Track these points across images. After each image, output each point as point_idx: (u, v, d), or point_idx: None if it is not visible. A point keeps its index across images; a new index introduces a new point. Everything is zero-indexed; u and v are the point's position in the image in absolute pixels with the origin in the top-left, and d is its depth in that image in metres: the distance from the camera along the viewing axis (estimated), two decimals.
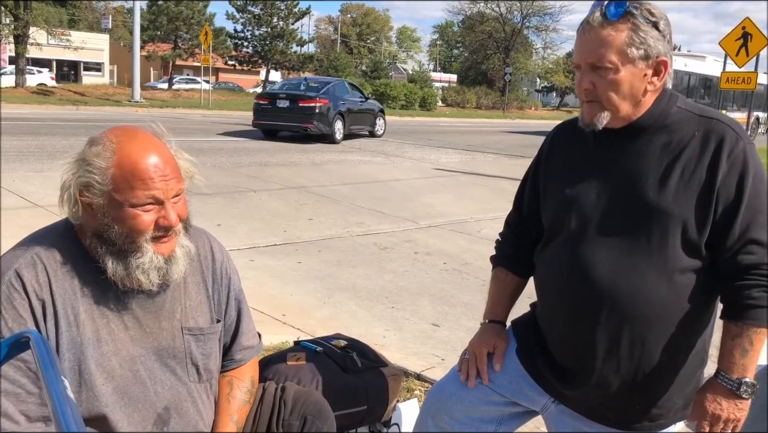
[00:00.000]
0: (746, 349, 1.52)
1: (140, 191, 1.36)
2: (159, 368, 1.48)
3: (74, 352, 1.38)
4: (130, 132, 1.41)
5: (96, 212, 1.37)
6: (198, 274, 1.57)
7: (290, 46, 43.36)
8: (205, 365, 1.57)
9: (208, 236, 1.65)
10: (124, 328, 1.44)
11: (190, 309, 1.54)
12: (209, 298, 1.59)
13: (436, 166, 12.74)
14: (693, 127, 1.54)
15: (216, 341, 1.60)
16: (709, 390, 1.57)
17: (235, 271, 1.69)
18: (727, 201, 1.49)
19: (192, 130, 16.22)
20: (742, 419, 1.56)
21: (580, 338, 1.60)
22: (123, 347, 1.44)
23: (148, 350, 1.47)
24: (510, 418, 1.81)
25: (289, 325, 3.99)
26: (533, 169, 1.83)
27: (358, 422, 2.16)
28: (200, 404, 1.56)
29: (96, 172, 1.35)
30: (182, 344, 1.52)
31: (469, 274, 5.40)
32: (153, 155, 1.38)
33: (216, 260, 1.62)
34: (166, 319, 1.50)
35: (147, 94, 30.09)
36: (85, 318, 1.40)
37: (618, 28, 1.49)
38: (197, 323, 1.55)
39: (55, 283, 1.37)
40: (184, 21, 37.99)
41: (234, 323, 1.68)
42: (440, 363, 3.47)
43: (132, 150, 1.36)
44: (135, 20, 26.13)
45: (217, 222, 6.53)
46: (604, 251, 1.56)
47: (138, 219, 1.37)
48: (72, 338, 1.38)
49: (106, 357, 1.41)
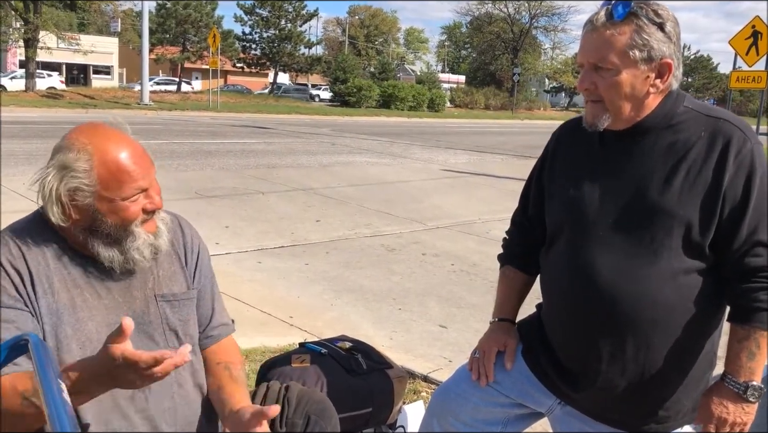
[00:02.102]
0: (753, 352, 1.50)
1: (128, 185, 1.43)
2: (136, 334, 1.50)
3: (51, 318, 1.44)
4: (97, 129, 1.47)
5: (86, 211, 1.43)
6: (170, 246, 1.63)
7: (298, 48, 43.51)
8: (184, 331, 1.61)
9: (175, 215, 1.72)
10: (98, 297, 1.50)
11: (163, 278, 1.60)
12: (183, 268, 1.65)
13: (444, 167, 12.73)
14: (700, 127, 1.52)
15: (192, 308, 1.65)
16: (716, 393, 1.55)
17: (205, 248, 1.74)
18: (734, 202, 1.47)
19: (200, 133, 16.29)
20: (749, 423, 1.54)
21: (584, 341, 1.59)
22: (98, 313, 1.49)
23: (124, 317, 1.49)
24: (516, 419, 1.80)
25: (296, 327, 3.99)
26: (539, 167, 1.82)
27: (363, 424, 2.15)
28: (181, 368, 1.55)
29: (81, 175, 1.41)
30: (156, 310, 1.57)
31: (477, 275, 5.39)
32: (128, 147, 1.46)
33: (186, 234, 1.69)
34: (137, 288, 1.55)
35: (156, 97, 30.26)
36: (59, 287, 1.46)
37: (621, 30, 1.47)
38: (171, 290, 1.60)
39: (28, 255, 1.44)
40: (192, 24, 38.18)
41: (210, 298, 1.72)
42: (448, 365, 3.46)
43: (109, 148, 1.43)
44: (144, 23, 26.28)
45: (225, 224, 6.54)
46: (608, 252, 1.55)
47: (129, 210, 1.45)
48: (48, 304, 1.44)
49: (82, 322, 1.46)
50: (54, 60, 38.99)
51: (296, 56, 43.10)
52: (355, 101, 38.44)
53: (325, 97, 46.18)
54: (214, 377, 1.67)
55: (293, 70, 44.69)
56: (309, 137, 17.44)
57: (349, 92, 38.90)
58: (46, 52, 29.50)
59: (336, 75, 41.31)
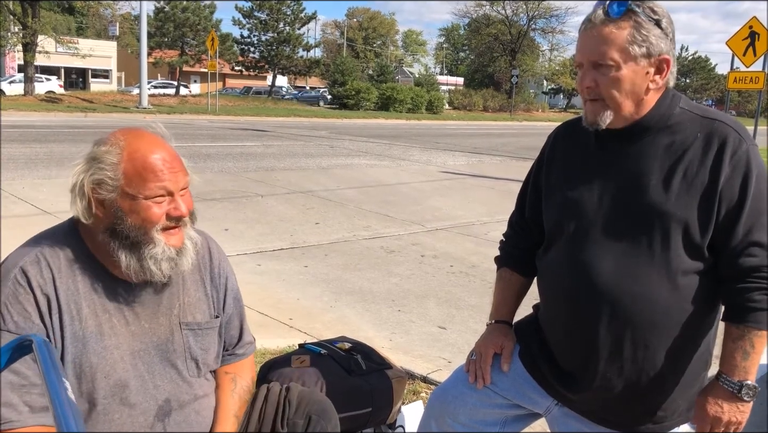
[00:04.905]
0: (747, 352, 1.51)
1: (152, 183, 1.42)
2: (159, 362, 1.52)
3: (76, 345, 1.43)
4: (136, 131, 1.49)
5: (108, 208, 1.43)
6: (196, 272, 1.63)
7: (297, 51, 43.49)
8: (204, 360, 1.61)
9: (207, 237, 1.71)
10: (126, 323, 1.49)
11: (188, 305, 1.59)
12: (208, 295, 1.64)
13: (442, 169, 12.74)
14: (696, 128, 1.53)
15: (215, 336, 1.64)
16: (711, 393, 1.56)
17: (232, 271, 1.75)
18: (729, 203, 1.49)
19: (198, 136, 16.30)
20: (744, 422, 1.55)
21: (582, 342, 1.60)
22: (124, 341, 1.48)
23: (148, 344, 1.51)
24: (513, 420, 1.81)
25: (296, 329, 4.00)
26: (536, 169, 1.82)
27: (362, 424, 2.16)
28: (200, 398, 1.60)
29: (107, 168, 1.41)
30: (181, 338, 1.56)
31: (476, 276, 5.40)
32: (161, 150, 1.46)
33: (213, 259, 1.68)
34: (163, 315, 1.54)
35: (155, 100, 30.27)
36: (87, 313, 1.45)
37: (620, 26, 1.49)
38: (195, 318, 1.59)
39: (59, 279, 1.43)
40: (190, 27, 38.16)
41: (238, 320, 1.74)
42: (447, 366, 3.47)
43: (141, 146, 1.44)
44: (142, 27, 26.29)
45: (224, 227, 6.56)
46: (606, 253, 1.56)
47: (150, 210, 1.43)
48: (74, 332, 1.43)
49: (108, 350, 1.45)
50: (52, 64, 38.99)
51: (295, 59, 43.09)
52: (353, 104, 38.46)
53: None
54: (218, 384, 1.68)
55: (292, 72, 44.65)
56: (308, 140, 17.45)
57: (348, 95, 38.92)
58: (45, 57, 29.47)
59: (334, 78, 41.32)
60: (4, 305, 1.37)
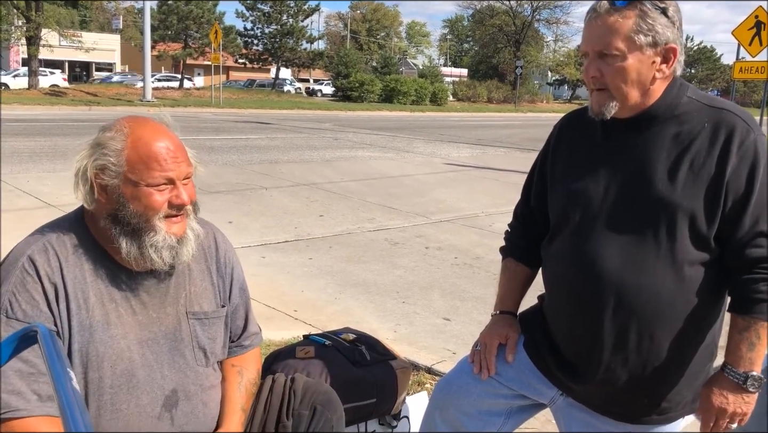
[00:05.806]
0: (753, 343, 1.51)
1: (155, 171, 1.43)
2: (167, 351, 1.53)
3: (83, 334, 1.43)
4: (142, 119, 1.50)
5: (111, 194, 1.44)
6: (202, 262, 1.63)
7: (300, 43, 43.37)
8: (211, 349, 1.61)
9: (213, 228, 1.72)
10: (132, 312, 1.50)
11: (195, 295, 1.59)
12: (214, 285, 1.65)
13: (446, 161, 12.72)
14: (703, 117, 1.52)
15: (221, 326, 1.65)
16: (716, 384, 1.56)
17: (238, 262, 1.75)
18: (736, 193, 1.47)
19: (203, 129, 16.30)
20: (749, 413, 1.55)
21: (587, 332, 1.60)
22: (131, 331, 1.49)
23: (156, 334, 1.52)
24: (518, 411, 1.81)
25: (300, 321, 4.01)
26: (541, 159, 1.82)
27: (367, 415, 2.17)
28: (207, 389, 1.60)
29: (111, 154, 1.43)
30: (188, 327, 1.57)
31: (481, 268, 5.40)
32: (165, 138, 1.47)
33: (219, 249, 1.69)
34: (170, 304, 1.55)
35: (158, 93, 30.27)
36: (94, 302, 1.45)
37: (625, 15, 1.48)
38: (201, 308, 1.60)
39: (66, 268, 1.44)
40: (194, 20, 38.08)
41: (244, 310, 1.74)
42: (451, 357, 3.47)
43: (145, 133, 1.45)
44: (145, 20, 26.24)
45: (228, 219, 6.56)
46: (612, 244, 1.55)
47: (152, 198, 1.44)
48: (81, 320, 1.44)
49: (115, 340, 1.46)
50: (56, 58, 39.03)
51: (298, 51, 42.96)
52: (357, 96, 38.36)
53: (327, 92, 46.12)
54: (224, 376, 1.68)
55: (295, 65, 44.52)
56: (311, 132, 17.44)
57: (352, 87, 38.81)
58: (49, 50, 29.49)
59: (338, 70, 41.23)
60: (12, 294, 1.38)
